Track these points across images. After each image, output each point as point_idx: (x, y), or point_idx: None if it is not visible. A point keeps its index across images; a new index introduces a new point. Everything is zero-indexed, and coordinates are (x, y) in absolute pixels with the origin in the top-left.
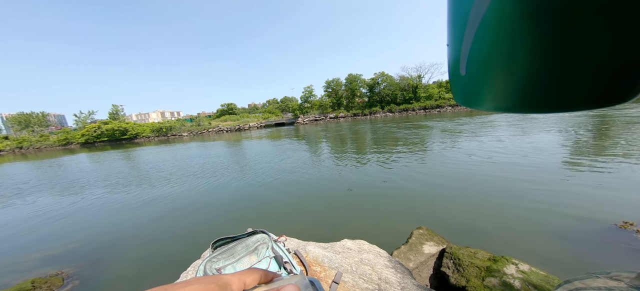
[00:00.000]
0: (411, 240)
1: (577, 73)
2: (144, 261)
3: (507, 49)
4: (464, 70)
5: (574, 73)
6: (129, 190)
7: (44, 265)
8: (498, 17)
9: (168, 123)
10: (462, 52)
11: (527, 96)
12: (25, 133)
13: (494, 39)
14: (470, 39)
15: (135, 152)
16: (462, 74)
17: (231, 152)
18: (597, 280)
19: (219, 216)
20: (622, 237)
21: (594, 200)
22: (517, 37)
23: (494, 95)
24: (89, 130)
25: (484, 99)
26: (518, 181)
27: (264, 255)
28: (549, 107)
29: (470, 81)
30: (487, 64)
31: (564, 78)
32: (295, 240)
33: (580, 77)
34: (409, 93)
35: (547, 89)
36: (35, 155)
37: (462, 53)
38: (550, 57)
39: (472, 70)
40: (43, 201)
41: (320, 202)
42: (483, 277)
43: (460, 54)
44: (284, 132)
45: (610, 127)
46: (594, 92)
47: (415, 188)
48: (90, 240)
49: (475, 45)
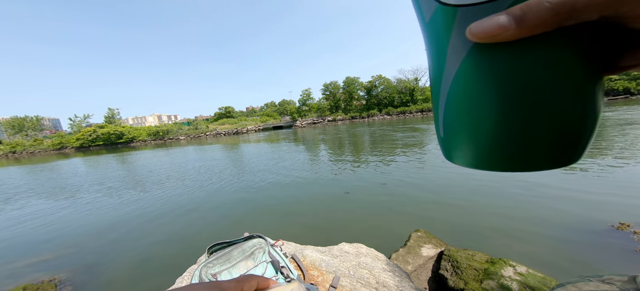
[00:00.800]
0: (409, 242)
1: (526, 143)
2: (139, 267)
3: (465, 120)
4: (442, 133)
5: (523, 143)
6: (124, 194)
7: (37, 270)
8: (456, 96)
9: (165, 126)
10: (439, 118)
11: (489, 159)
12: (18, 138)
13: (457, 111)
14: (442, 110)
15: (131, 156)
16: (441, 135)
17: (228, 156)
18: (590, 283)
19: (215, 220)
20: (619, 238)
21: (590, 202)
22: (472, 111)
23: (466, 156)
24: (84, 134)
25: (459, 158)
26: (514, 183)
27: (261, 259)
28: (515, 167)
29: (447, 141)
30: (455, 131)
31: (517, 147)
32: (292, 244)
33: (529, 146)
34: (406, 96)
35: (507, 154)
36: (29, 159)
37: (439, 118)
38: (499, 130)
39: (447, 134)
40: (35, 205)
41: (317, 206)
42: (481, 280)
43: (438, 118)
44: (282, 135)
45: (605, 130)
46: (544, 159)
47: (413, 191)
48: (84, 244)
49: (446, 115)
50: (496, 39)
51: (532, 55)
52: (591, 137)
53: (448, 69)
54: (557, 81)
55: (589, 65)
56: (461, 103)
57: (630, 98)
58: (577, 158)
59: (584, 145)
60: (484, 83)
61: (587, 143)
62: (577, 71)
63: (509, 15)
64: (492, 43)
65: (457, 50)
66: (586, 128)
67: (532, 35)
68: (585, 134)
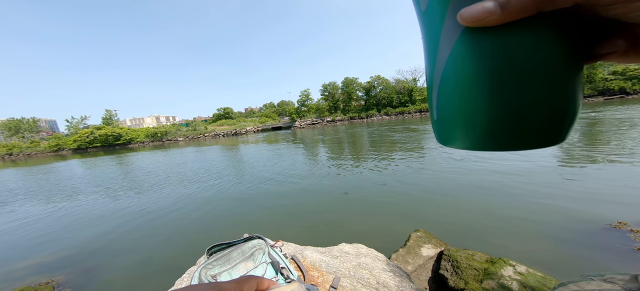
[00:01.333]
0: (409, 243)
1: (512, 122)
2: (138, 268)
3: (457, 101)
4: (435, 116)
5: (509, 122)
6: (122, 195)
7: (34, 272)
8: (448, 78)
9: (163, 128)
10: (433, 102)
11: (480, 139)
12: (15, 140)
13: (449, 93)
14: (436, 93)
15: (129, 158)
16: (435, 119)
17: (227, 157)
18: (592, 282)
19: (214, 221)
20: (617, 237)
21: (588, 201)
22: (463, 91)
23: (457, 137)
24: (82, 135)
25: (452, 141)
26: (513, 183)
27: (261, 260)
28: (503, 146)
29: (440, 125)
30: (447, 112)
31: (504, 126)
32: (292, 245)
33: (516, 125)
34: (405, 96)
35: (495, 134)
36: (25, 161)
37: (433, 103)
38: (487, 109)
39: (440, 117)
40: (32, 207)
41: (317, 206)
42: (481, 279)
43: (432, 103)
44: (281, 135)
45: (601, 129)
46: (531, 137)
47: (412, 191)
48: (82, 246)
49: (439, 97)
50: (483, 23)
51: (517, 38)
52: (574, 118)
53: (441, 54)
54: (539, 63)
55: (569, 49)
56: (453, 84)
57: (626, 98)
58: (562, 138)
59: (567, 126)
60: (473, 65)
61: (570, 124)
62: (557, 54)
63: (495, 1)
64: (480, 27)
65: (449, 35)
66: (568, 110)
67: (516, 20)
68: (567, 115)
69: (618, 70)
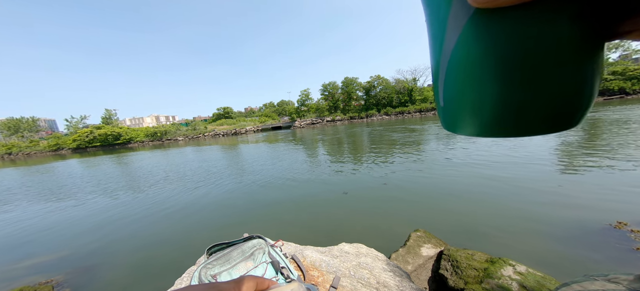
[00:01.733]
0: (409, 242)
1: (526, 107)
2: (138, 268)
3: (466, 87)
4: (442, 103)
5: (523, 108)
6: (121, 195)
7: (33, 272)
8: (456, 63)
9: (163, 127)
10: (439, 89)
11: (489, 125)
12: (14, 139)
13: (457, 79)
14: (442, 80)
15: (128, 157)
16: (441, 105)
17: (227, 156)
18: (595, 282)
19: (214, 221)
20: (617, 237)
21: (588, 201)
22: (473, 77)
23: (465, 124)
24: (81, 135)
25: (459, 127)
26: (513, 182)
27: (261, 260)
28: (514, 132)
29: (447, 111)
30: (455, 98)
31: (517, 112)
32: (292, 245)
33: (529, 110)
34: (405, 96)
35: (507, 120)
36: (25, 161)
37: (439, 89)
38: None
39: (447, 103)
40: (31, 207)
41: (317, 206)
42: (481, 279)
43: (438, 89)
44: (281, 135)
45: (602, 129)
46: (543, 123)
47: (412, 191)
48: (82, 246)
49: (446, 84)
50: (496, 3)
51: (531, 19)
52: (590, 102)
53: (449, 39)
54: (556, 45)
55: (588, 29)
56: (461, 70)
57: (626, 98)
58: (576, 122)
59: (583, 109)
60: (482, 49)
61: (586, 108)
62: (575, 35)
63: None
64: (492, 9)
65: (457, 18)
66: (584, 93)
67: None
68: (583, 98)
69: (618, 71)
